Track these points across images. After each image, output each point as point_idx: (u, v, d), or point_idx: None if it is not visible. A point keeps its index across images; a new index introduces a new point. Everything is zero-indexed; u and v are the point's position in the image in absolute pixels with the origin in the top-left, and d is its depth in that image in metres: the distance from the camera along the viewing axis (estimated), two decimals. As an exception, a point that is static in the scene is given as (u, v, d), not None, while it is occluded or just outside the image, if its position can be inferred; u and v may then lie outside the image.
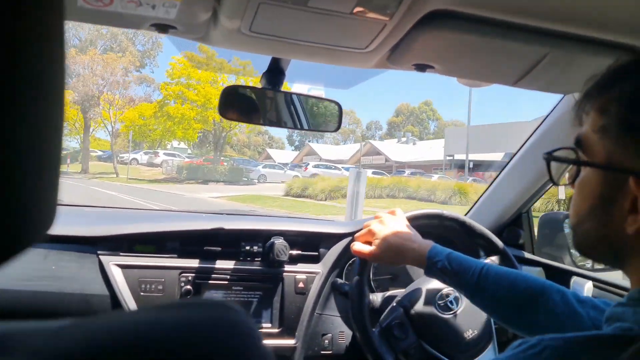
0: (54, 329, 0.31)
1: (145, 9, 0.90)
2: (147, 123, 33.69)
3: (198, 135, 36.01)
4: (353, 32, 0.97)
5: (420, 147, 45.03)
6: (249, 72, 25.40)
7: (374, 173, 28.98)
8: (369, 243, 1.23)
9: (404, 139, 51.48)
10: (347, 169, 33.04)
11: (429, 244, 1.17)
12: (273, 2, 0.86)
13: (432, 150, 39.97)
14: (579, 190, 0.67)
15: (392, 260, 1.24)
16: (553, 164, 0.74)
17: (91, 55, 34.41)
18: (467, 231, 1.48)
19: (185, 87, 30.70)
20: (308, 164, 35.94)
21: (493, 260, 1.44)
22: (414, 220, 1.37)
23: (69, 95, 31.61)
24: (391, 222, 1.24)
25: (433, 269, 1.13)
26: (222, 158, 34.15)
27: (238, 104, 1.31)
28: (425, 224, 1.45)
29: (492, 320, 1.39)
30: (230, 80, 29.44)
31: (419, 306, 1.38)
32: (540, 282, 1.06)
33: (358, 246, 1.24)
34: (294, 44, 1.04)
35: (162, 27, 0.98)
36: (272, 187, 24.82)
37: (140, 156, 36.35)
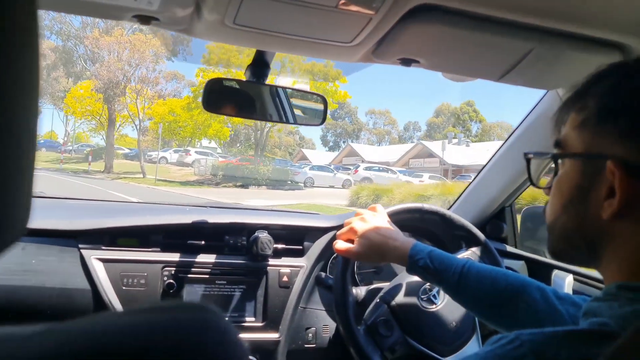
0: (25, 334, 0.30)
1: (127, 0, 0.89)
2: (177, 119, 30.92)
3: (230, 133, 33.40)
4: (338, 25, 0.96)
5: (476, 149, 39.53)
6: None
7: (430, 178, 27.52)
8: (351, 241, 1.23)
9: (455, 140, 45.44)
10: (404, 173, 30.90)
11: (410, 242, 1.17)
12: None
13: (491, 152, 36.25)
14: (557, 187, 0.68)
15: (374, 259, 1.25)
16: (532, 165, 0.75)
17: (117, 36, 29.91)
18: (448, 224, 1.49)
19: (224, 75, 27.35)
20: (358, 165, 32.44)
21: (474, 251, 1.45)
22: (395, 215, 1.37)
23: (93, 85, 29.87)
24: (372, 219, 1.24)
25: (415, 267, 1.13)
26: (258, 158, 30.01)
27: (223, 97, 1.30)
28: (406, 218, 1.45)
29: None
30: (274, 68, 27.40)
31: (403, 301, 1.39)
32: (521, 279, 1.07)
33: (340, 244, 1.23)
34: (279, 37, 1.03)
35: (144, 19, 0.97)
36: (324, 193, 21.57)
37: (170, 155, 33.38)
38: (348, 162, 41.52)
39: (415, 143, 44.44)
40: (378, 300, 1.42)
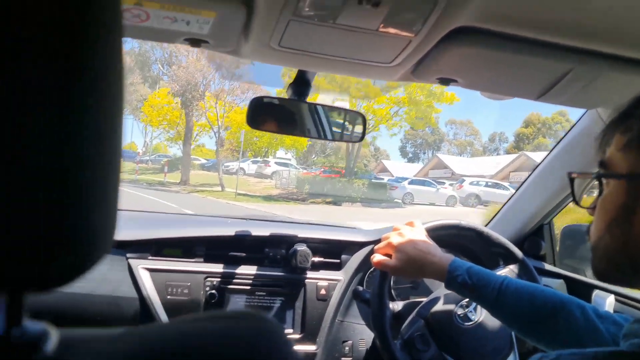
0: (113, 335, 0.35)
1: (180, 25, 0.94)
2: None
3: (308, 142, 31.25)
4: (378, 47, 0.99)
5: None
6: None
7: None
8: (389, 255, 1.24)
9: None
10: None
11: (449, 257, 1.18)
12: (302, 19, 0.89)
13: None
14: (601, 207, 0.69)
15: (412, 274, 1.25)
16: (576, 184, 0.76)
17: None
18: (485, 241, 1.49)
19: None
20: (463, 180, 27.72)
21: (512, 269, 1.45)
22: (433, 231, 1.39)
23: (169, 90, 28.45)
24: (410, 234, 1.25)
25: (453, 283, 1.14)
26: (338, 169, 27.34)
27: (266, 114, 1.35)
28: (444, 234, 1.46)
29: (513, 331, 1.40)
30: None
31: (440, 317, 1.39)
32: (560, 297, 1.07)
33: (378, 258, 1.25)
34: (321, 58, 1.07)
35: (195, 42, 1.02)
36: (430, 212, 19.03)
37: (248, 166, 30.65)
38: (435, 175, 37.19)
39: (518, 154, 38.92)
40: (415, 314, 1.43)
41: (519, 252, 1.47)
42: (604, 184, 0.69)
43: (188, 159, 27.92)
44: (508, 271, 1.43)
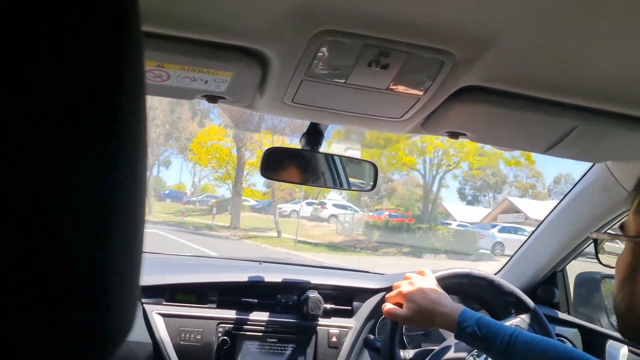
0: None
1: (199, 84, 0.99)
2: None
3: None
4: (388, 104, 1.03)
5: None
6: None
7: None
8: (400, 304, 1.25)
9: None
10: None
11: (459, 308, 1.18)
12: (314, 79, 0.93)
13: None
14: (616, 266, 0.71)
15: (422, 324, 1.26)
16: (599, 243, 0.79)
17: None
18: (497, 290, 1.49)
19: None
20: None
21: (523, 318, 1.44)
22: (444, 280, 1.39)
23: (218, 130, 26.51)
24: (421, 283, 1.26)
25: (463, 334, 1.14)
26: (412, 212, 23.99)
27: (280, 164, 1.38)
28: (455, 283, 1.47)
29: None
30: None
31: None
32: (570, 352, 1.06)
33: (389, 307, 1.26)
34: (333, 113, 1.11)
35: (212, 98, 1.07)
36: None
37: (302, 208, 26.61)
38: (506, 220, 31.92)
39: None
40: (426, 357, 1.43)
41: (530, 302, 1.47)
42: (623, 244, 0.71)
43: (239, 200, 25.02)
44: (519, 321, 1.43)
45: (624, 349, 1.54)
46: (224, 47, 0.86)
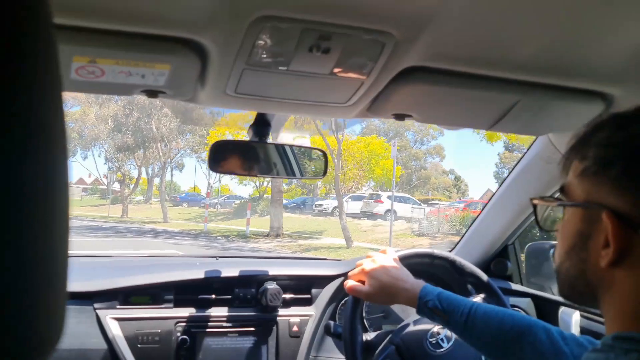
0: None
1: (135, 78, 0.95)
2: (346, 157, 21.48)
3: (402, 172, 24.63)
4: (333, 89, 1.02)
5: None
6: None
7: None
8: (362, 282, 1.26)
9: None
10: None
11: (420, 283, 1.21)
12: (255, 67, 0.92)
13: None
14: (561, 232, 0.71)
15: (384, 300, 1.27)
16: (539, 209, 0.79)
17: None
18: (458, 270, 1.51)
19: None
20: None
21: (483, 297, 1.47)
22: (405, 260, 1.40)
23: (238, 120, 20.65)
24: (383, 261, 1.27)
25: (424, 308, 1.16)
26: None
27: (228, 158, 1.36)
28: (416, 263, 1.47)
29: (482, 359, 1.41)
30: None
31: (410, 343, 1.40)
32: (527, 320, 1.09)
33: (351, 284, 1.27)
34: (278, 101, 1.09)
35: (152, 93, 1.03)
36: None
37: (348, 203, 21.34)
38: None
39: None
40: (386, 341, 1.44)
41: (484, 277, 1.49)
42: (564, 210, 0.71)
43: (279, 198, 19.30)
44: (479, 299, 1.45)
45: (576, 314, 1.60)
46: (159, 38, 0.83)
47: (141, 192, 38.93)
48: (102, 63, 0.89)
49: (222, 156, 1.34)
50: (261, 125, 1.36)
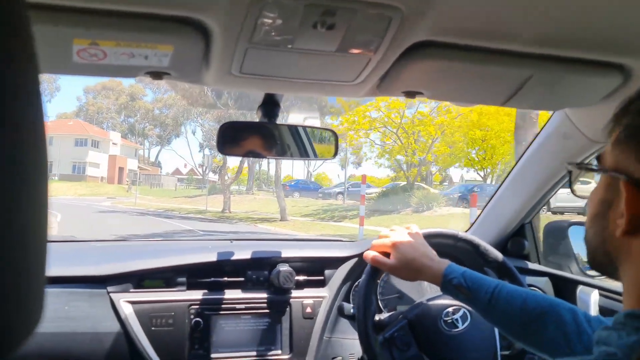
0: None
1: (139, 60, 0.94)
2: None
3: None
4: (340, 67, 1.00)
5: None
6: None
7: None
8: (386, 255, 1.25)
9: None
10: None
11: (445, 262, 1.20)
12: (259, 46, 0.89)
13: None
14: (590, 200, 0.70)
15: (408, 275, 1.25)
16: (573, 175, 0.77)
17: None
18: (481, 254, 1.46)
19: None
20: None
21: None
22: (429, 238, 1.37)
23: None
24: (409, 236, 1.26)
25: (448, 286, 1.15)
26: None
27: (237, 139, 1.34)
28: (438, 243, 1.44)
29: (498, 344, 1.39)
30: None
31: (423, 319, 1.38)
32: (550, 301, 1.08)
33: (374, 255, 1.25)
34: (284, 80, 1.07)
35: (156, 74, 1.02)
36: None
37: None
38: None
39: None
40: (400, 316, 1.42)
41: (510, 265, 1.44)
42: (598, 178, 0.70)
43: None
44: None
45: (595, 293, 1.57)
46: (160, 18, 0.82)
47: (237, 182, 32.33)
48: (104, 45, 0.88)
49: (231, 138, 1.33)
50: (270, 105, 1.34)
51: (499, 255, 1.45)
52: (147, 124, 54.02)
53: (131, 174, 46.21)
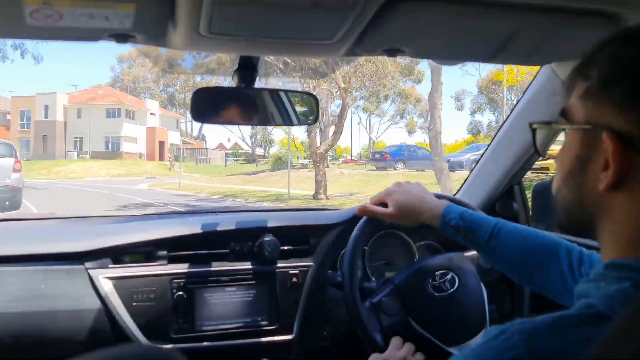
0: None
1: (99, 22, 0.88)
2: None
3: None
4: (316, 23, 0.95)
5: None
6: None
7: None
8: (385, 205, 1.23)
9: None
10: None
11: (444, 202, 1.19)
12: (226, 0, 0.83)
13: None
14: (559, 158, 0.67)
15: (406, 219, 1.24)
16: (538, 135, 0.73)
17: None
18: None
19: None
20: None
21: None
22: None
23: None
24: (407, 185, 1.25)
25: (446, 226, 1.14)
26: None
27: (212, 106, 1.28)
28: None
29: (486, 307, 1.36)
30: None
31: (410, 283, 1.36)
32: (550, 239, 1.07)
33: (371, 206, 1.24)
34: (257, 41, 1.02)
35: (121, 37, 0.96)
36: None
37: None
38: None
39: None
40: (386, 281, 1.40)
41: None
42: (565, 134, 0.67)
43: None
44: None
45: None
46: None
47: (295, 154, 29.23)
48: (58, 5, 0.82)
49: (205, 104, 1.27)
50: (246, 69, 1.27)
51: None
52: (187, 94, 45.54)
53: (173, 148, 41.35)
